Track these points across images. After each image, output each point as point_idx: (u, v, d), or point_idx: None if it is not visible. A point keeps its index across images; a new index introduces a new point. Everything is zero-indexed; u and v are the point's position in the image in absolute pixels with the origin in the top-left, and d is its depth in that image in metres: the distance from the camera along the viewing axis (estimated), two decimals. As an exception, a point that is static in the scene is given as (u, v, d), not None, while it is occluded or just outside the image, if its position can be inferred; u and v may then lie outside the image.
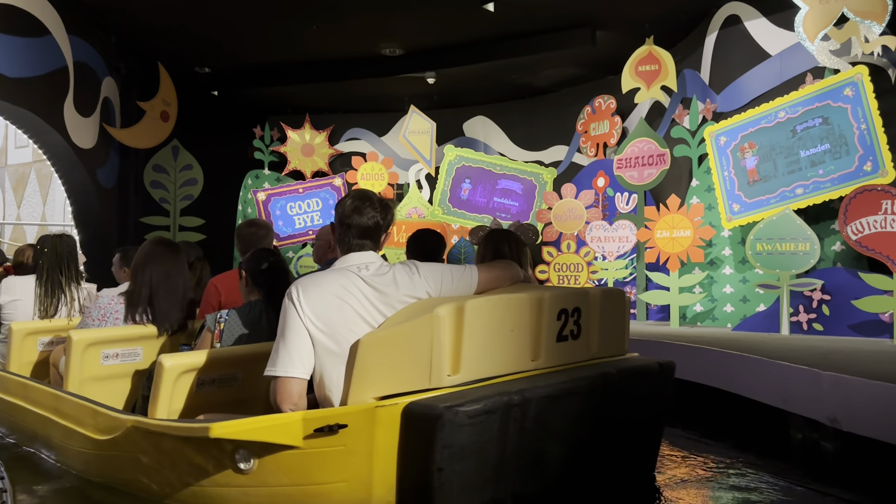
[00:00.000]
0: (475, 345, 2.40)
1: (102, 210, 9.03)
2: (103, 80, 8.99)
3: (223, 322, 3.02)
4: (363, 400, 2.25)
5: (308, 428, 2.19)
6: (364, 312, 2.39)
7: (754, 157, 6.71)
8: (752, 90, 7.52)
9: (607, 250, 8.22)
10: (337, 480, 2.21)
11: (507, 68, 9.88)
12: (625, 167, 8.42)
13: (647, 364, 2.95)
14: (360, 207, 2.52)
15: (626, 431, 2.88)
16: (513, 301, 2.53)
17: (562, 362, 2.74)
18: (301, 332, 2.34)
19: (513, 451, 2.35)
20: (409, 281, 2.48)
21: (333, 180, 11.50)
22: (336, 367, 2.34)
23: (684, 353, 5.19)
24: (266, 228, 4.12)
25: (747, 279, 7.27)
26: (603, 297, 2.92)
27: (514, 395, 2.33)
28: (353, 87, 10.96)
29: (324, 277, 2.43)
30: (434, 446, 2.13)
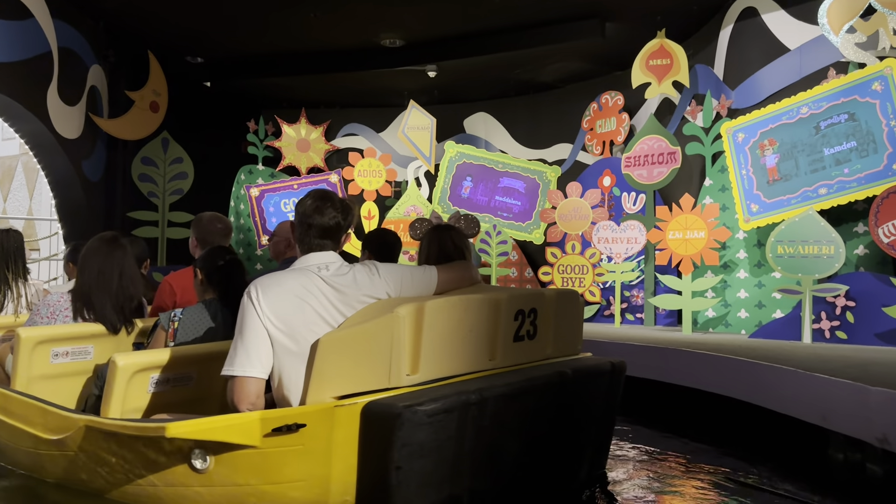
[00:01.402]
0: (434, 345, 2.43)
1: (88, 203, 8.64)
2: (90, 67, 8.61)
3: (177, 321, 2.98)
4: (322, 400, 2.27)
5: (266, 427, 2.19)
6: (324, 312, 2.39)
7: (775, 154, 6.37)
8: (770, 86, 7.18)
9: (615, 252, 7.87)
10: (295, 480, 2.22)
11: (512, 62, 9.52)
12: (633, 165, 8.08)
13: (600, 363, 3.04)
14: (321, 207, 2.53)
15: (579, 429, 2.97)
16: (471, 302, 2.58)
17: (518, 362, 2.82)
18: (260, 331, 2.33)
19: (470, 449, 2.40)
20: (369, 281, 2.50)
21: (329, 177, 11.13)
22: (295, 367, 2.34)
23: (704, 363, 4.85)
24: (229, 228, 4.03)
25: (763, 283, 6.93)
26: (558, 298, 3.01)
27: (471, 394, 2.37)
28: (352, 81, 10.59)
29: (283, 277, 2.42)
30: (393, 445, 2.16)
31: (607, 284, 8.72)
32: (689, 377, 4.96)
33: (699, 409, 5.02)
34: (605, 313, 8.51)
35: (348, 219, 2.58)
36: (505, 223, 10.07)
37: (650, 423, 4.89)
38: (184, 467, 2.36)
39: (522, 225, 10.10)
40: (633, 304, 8.39)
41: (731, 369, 4.57)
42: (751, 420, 4.49)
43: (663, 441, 4.33)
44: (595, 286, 8.48)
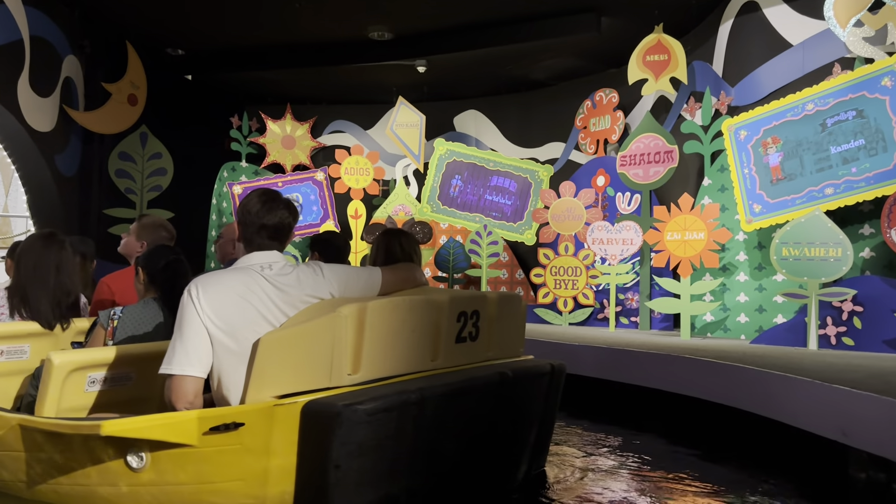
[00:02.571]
0: (376, 345, 2.45)
1: (62, 200, 8.27)
2: (65, 58, 8.24)
3: (117, 319, 2.93)
4: (262, 399, 2.25)
5: (203, 426, 2.18)
6: (266, 312, 2.37)
7: (778, 153, 6.12)
8: (771, 83, 6.94)
9: (609, 253, 7.60)
10: (233, 479, 2.22)
11: (504, 57, 9.24)
12: (629, 164, 7.81)
13: (540, 365, 3.08)
14: (272, 207, 2.52)
15: (518, 429, 3.01)
16: (414, 303, 2.60)
17: (460, 363, 2.85)
18: (199, 330, 2.30)
19: (409, 448, 2.42)
20: (313, 281, 2.50)
21: (315, 174, 10.82)
22: (235, 367, 2.32)
23: (707, 371, 4.57)
24: (173, 235, 3.93)
25: (764, 287, 6.68)
26: (501, 301, 3.05)
27: (411, 393, 2.39)
28: (339, 75, 10.28)
29: (225, 276, 2.40)
30: (332, 443, 2.16)
31: (601, 287, 8.45)
32: (693, 386, 4.69)
33: (702, 420, 4.75)
34: (599, 317, 8.24)
35: (296, 219, 2.60)
36: (496, 223, 9.79)
37: (655, 433, 4.62)
38: (120, 466, 2.33)
39: (514, 225, 9.83)
40: (627, 307, 8.12)
41: (737, 378, 4.29)
42: (760, 433, 4.22)
43: (657, 451, 4.06)
44: (589, 289, 8.21)
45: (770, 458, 4.02)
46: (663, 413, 5.09)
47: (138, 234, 3.84)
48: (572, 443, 4.30)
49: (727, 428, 4.53)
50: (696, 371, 4.66)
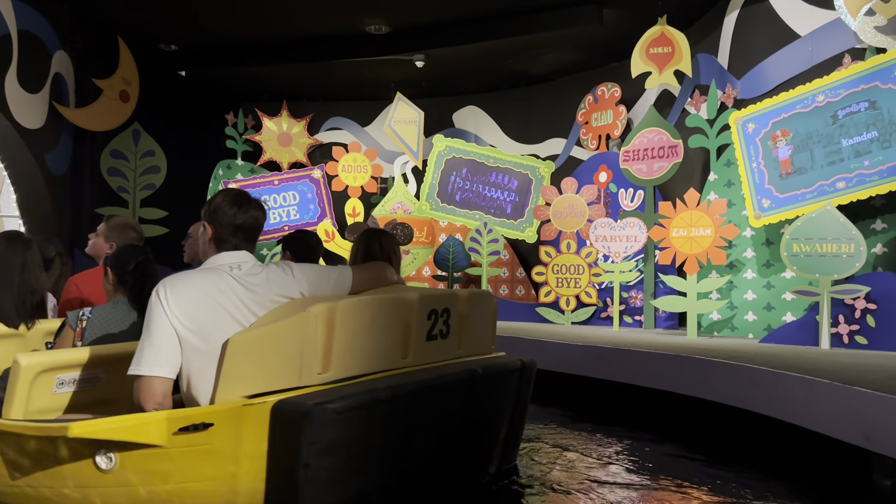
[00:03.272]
0: (346, 344, 2.45)
1: (52, 199, 8.10)
2: (54, 53, 8.06)
3: (86, 320, 2.89)
4: (231, 399, 2.25)
5: (172, 427, 2.18)
6: (235, 312, 2.37)
7: (788, 146, 5.94)
8: (779, 75, 6.77)
9: (613, 250, 7.42)
10: (203, 479, 2.22)
11: (504, 51, 9.05)
12: (632, 160, 7.63)
13: (511, 361, 3.11)
14: (246, 207, 2.51)
15: (489, 425, 3.04)
16: (384, 302, 2.61)
17: (431, 360, 2.85)
18: (167, 330, 2.30)
19: (380, 446, 2.43)
20: (283, 281, 2.50)
21: (312, 172, 10.63)
22: (205, 367, 2.31)
23: (720, 372, 4.39)
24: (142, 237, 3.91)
25: (773, 284, 6.50)
26: (471, 299, 3.07)
27: (381, 391, 2.39)
28: (335, 71, 10.09)
29: (193, 276, 2.39)
30: (301, 442, 2.17)
31: (603, 285, 8.28)
32: (704, 388, 4.51)
33: (713, 424, 4.57)
34: (602, 315, 8.07)
35: (265, 218, 2.60)
36: (496, 221, 9.61)
37: (664, 437, 4.44)
38: (89, 468, 2.32)
39: (514, 223, 9.64)
40: (630, 305, 7.94)
41: (751, 380, 4.11)
42: (775, 437, 4.04)
43: (659, 455, 3.89)
44: (591, 287, 8.03)
45: (787, 464, 3.84)
46: (672, 416, 4.91)
47: (107, 236, 3.82)
48: (563, 444, 4.13)
49: (740, 432, 4.35)
50: (706, 372, 4.47)
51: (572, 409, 5.32)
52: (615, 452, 4.02)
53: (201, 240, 2.58)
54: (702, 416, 4.63)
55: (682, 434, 4.54)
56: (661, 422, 4.90)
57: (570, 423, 4.82)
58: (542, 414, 5.07)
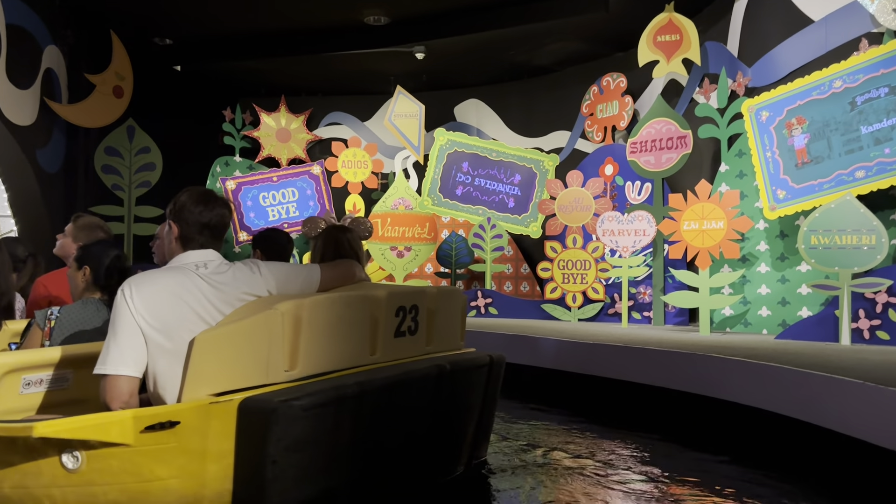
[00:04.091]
0: (313, 341, 2.46)
1: (44, 197, 7.89)
2: (45, 48, 7.84)
3: (54, 319, 2.86)
4: (198, 397, 2.26)
5: (139, 425, 2.19)
6: (201, 310, 2.37)
7: (804, 134, 5.72)
8: (791, 61, 6.54)
9: (621, 245, 7.20)
10: (170, 477, 2.23)
11: (506, 41, 8.83)
12: (639, 151, 7.41)
13: (479, 357, 3.14)
14: (212, 205, 2.51)
15: (458, 420, 3.07)
16: (352, 299, 2.63)
17: (399, 356, 2.87)
18: (133, 329, 2.30)
19: (348, 442, 2.44)
20: (250, 279, 2.50)
21: (311, 168, 10.44)
22: (171, 366, 2.32)
23: (738, 371, 4.18)
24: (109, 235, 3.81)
25: (787, 278, 6.28)
26: (440, 296, 3.09)
27: (349, 388, 2.40)
28: (334, 65, 9.88)
29: (159, 275, 2.39)
30: (268, 439, 2.18)
31: (610, 281, 8.06)
32: (722, 388, 4.29)
33: (735, 426, 4.36)
34: (609, 312, 7.85)
35: (231, 216, 2.58)
36: (500, 216, 9.40)
37: (684, 440, 4.23)
38: (55, 468, 2.30)
39: (518, 218, 9.43)
40: (639, 301, 7.73)
41: (773, 379, 3.90)
42: (801, 441, 3.83)
43: (663, 454, 3.68)
44: (599, 283, 7.82)
45: (816, 470, 3.63)
46: (687, 416, 4.70)
47: (75, 236, 3.75)
48: (548, 443, 3.92)
49: (759, 434, 4.14)
50: (725, 371, 4.26)
51: (581, 409, 5.11)
52: (608, 451, 3.81)
53: (167, 239, 2.56)
54: (718, 417, 4.42)
55: (695, 435, 4.33)
56: (678, 423, 4.69)
57: (578, 424, 4.61)
58: (551, 416, 4.86)
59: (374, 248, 9.25)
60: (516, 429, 4.46)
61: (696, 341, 5.39)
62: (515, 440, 4.12)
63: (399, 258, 9.23)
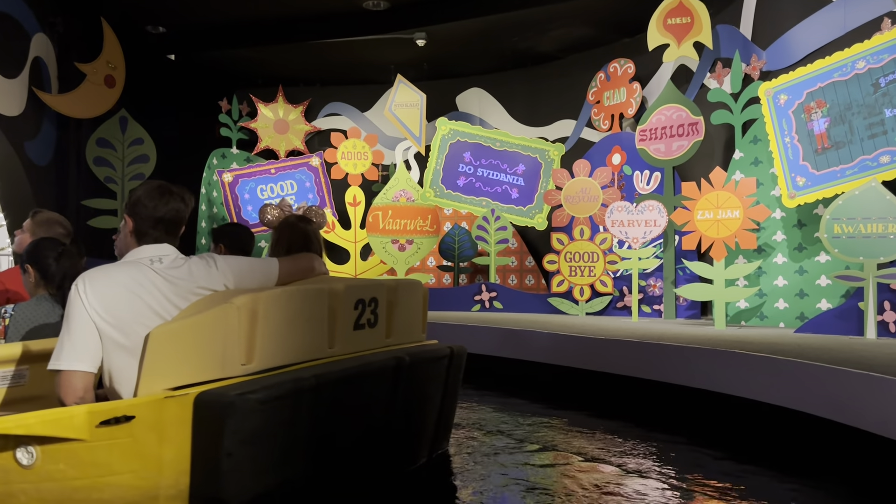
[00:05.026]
0: (271, 334, 2.47)
1: (34, 191, 7.63)
2: (33, 36, 7.58)
3: (8, 317, 2.97)
4: (154, 392, 2.28)
5: (94, 420, 2.19)
6: (156, 305, 2.36)
7: (824, 118, 5.46)
8: (808, 43, 6.28)
9: (631, 236, 6.94)
10: (126, 471, 2.24)
11: (509, 27, 8.57)
12: (649, 139, 7.16)
13: (440, 349, 3.16)
14: (167, 199, 2.48)
15: (418, 411, 3.09)
16: (310, 293, 2.64)
17: (359, 349, 2.88)
18: (87, 324, 2.30)
19: (306, 434, 2.45)
20: (206, 273, 2.50)
21: (310, 160, 10.18)
22: (126, 361, 2.33)
23: (768, 369, 3.93)
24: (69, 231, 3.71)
25: (806, 269, 6.03)
26: (400, 288, 3.11)
27: (306, 380, 2.41)
28: (333, 53, 9.61)
29: (113, 269, 2.38)
30: (224, 433, 2.20)
31: (619, 273, 7.82)
32: (747, 387, 4.04)
33: (762, 427, 4.12)
34: (618, 305, 7.60)
35: (189, 210, 2.54)
36: (504, 207, 9.14)
37: (707, 442, 3.99)
38: (10, 464, 2.28)
39: (523, 209, 9.18)
40: (648, 294, 7.48)
41: (804, 376, 3.65)
42: (835, 442, 3.59)
43: (678, 453, 3.45)
44: (607, 275, 7.57)
45: (852, 473, 3.38)
46: (711, 417, 4.46)
47: (33, 231, 3.67)
48: (536, 439, 3.69)
49: (793, 436, 3.90)
50: (752, 369, 4.01)
51: (596, 408, 4.87)
52: (597, 448, 3.57)
53: (122, 233, 2.53)
54: (741, 418, 4.18)
55: (717, 436, 4.09)
56: (700, 423, 4.45)
57: (591, 425, 4.37)
58: (568, 416, 4.63)
59: (375, 241, 9.01)
60: (520, 427, 4.22)
61: (714, 336, 5.14)
62: (510, 436, 3.89)
63: (401, 251, 8.98)
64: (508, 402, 5.07)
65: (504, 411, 4.74)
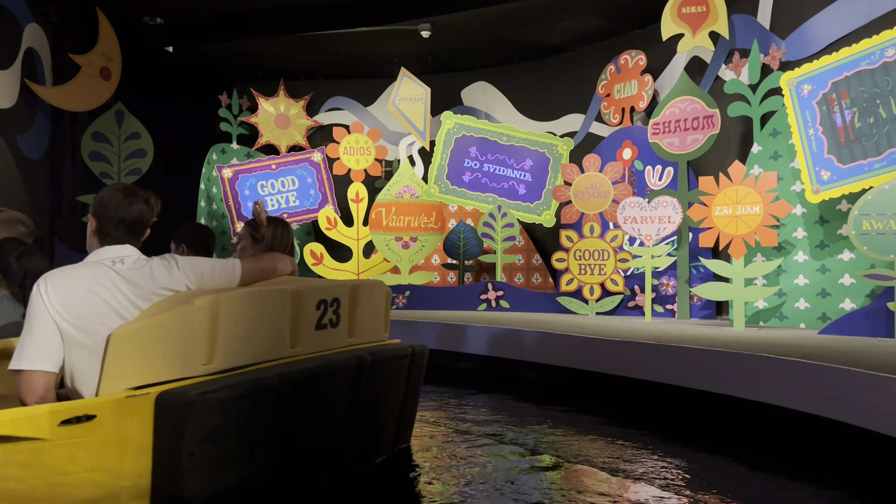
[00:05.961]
0: (232, 335, 2.50)
1: (27, 186, 7.40)
2: (26, 26, 7.34)
3: None
4: (115, 391, 2.30)
5: (55, 420, 2.20)
6: (117, 305, 2.38)
7: (850, 109, 5.20)
8: (830, 33, 6.04)
9: (644, 233, 6.69)
10: (87, 470, 2.26)
11: (517, 17, 8.32)
12: (662, 133, 6.91)
13: (401, 348, 3.22)
14: (132, 201, 2.52)
15: (379, 409, 3.14)
16: (271, 293, 2.68)
17: (320, 349, 2.92)
18: (49, 324, 2.31)
19: (267, 432, 2.49)
20: (168, 274, 2.53)
21: (312, 156, 9.95)
22: (88, 361, 2.34)
23: (798, 373, 3.68)
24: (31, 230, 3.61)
25: (828, 268, 5.78)
26: (362, 288, 3.15)
27: (267, 380, 2.45)
28: (335, 46, 9.37)
29: (74, 270, 2.41)
30: (185, 431, 2.23)
31: (630, 272, 7.57)
32: (780, 393, 3.79)
33: (796, 436, 3.87)
34: (630, 305, 7.36)
35: (154, 214, 2.56)
36: (511, 203, 8.90)
37: (734, 452, 3.75)
38: None
39: (531, 206, 8.93)
40: (661, 294, 7.24)
41: (842, 384, 3.40)
42: (880, 456, 3.34)
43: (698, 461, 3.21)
44: (618, 273, 7.32)
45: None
46: (739, 424, 4.21)
47: None
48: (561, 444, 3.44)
49: (832, 448, 3.65)
50: (782, 374, 3.76)
51: (617, 415, 4.62)
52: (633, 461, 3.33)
53: (88, 233, 2.54)
54: (771, 426, 3.93)
55: (745, 446, 3.84)
56: (726, 432, 4.20)
57: (614, 433, 4.13)
58: (584, 421, 4.38)
59: (378, 238, 8.77)
60: (524, 434, 3.98)
61: (735, 338, 4.89)
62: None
63: (405, 249, 8.74)
64: (520, 407, 4.83)
65: (516, 419, 4.50)
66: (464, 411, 4.68)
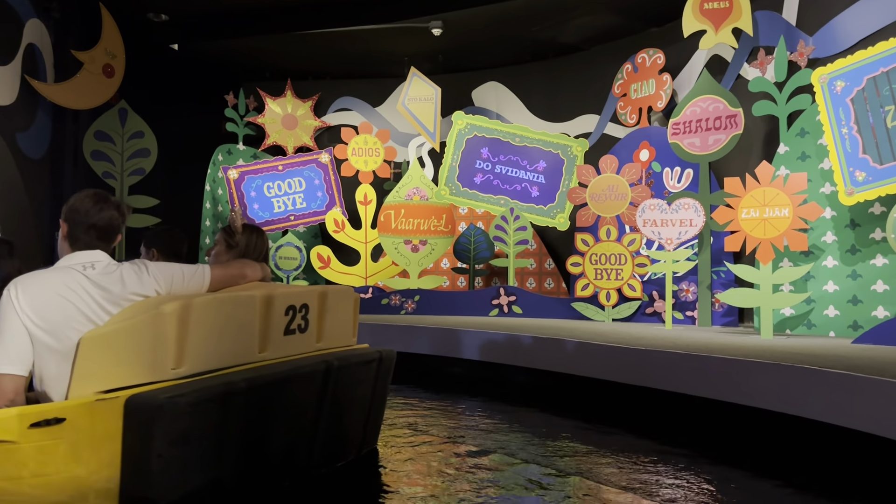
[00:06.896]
0: (201, 340, 2.52)
1: (27, 185, 7.19)
2: (27, 21, 7.14)
3: None
4: (85, 395, 2.34)
5: (24, 422, 2.22)
6: (88, 310, 2.42)
7: (882, 108, 4.93)
8: (860, 29, 5.80)
9: (665, 237, 6.44)
10: (57, 472, 2.28)
11: (529, 15, 8.10)
12: (682, 133, 6.66)
13: (368, 353, 3.29)
14: (102, 207, 2.55)
15: (347, 412, 3.21)
16: (240, 299, 2.72)
17: (289, 353, 2.98)
18: (18, 329, 2.34)
19: (235, 436, 2.52)
20: (138, 280, 2.56)
21: (320, 157, 9.73)
22: (58, 365, 2.38)
23: (846, 387, 3.43)
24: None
25: (860, 274, 5.52)
26: (331, 295, 3.21)
27: (236, 384, 2.50)
28: (344, 43, 9.15)
29: (45, 275, 2.45)
30: (154, 434, 2.27)
31: (647, 277, 7.31)
32: (829, 409, 3.53)
33: (847, 456, 3.62)
34: (647, 311, 7.10)
35: (125, 220, 2.61)
36: (524, 206, 8.65)
37: (779, 472, 3.49)
38: None
39: (544, 208, 8.68)
40: (681, 300, 6.98)
41: (873, 394, 3.15)
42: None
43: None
44: (635, 279, 7.06)
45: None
46: (781, 442, 3.95)
47: None
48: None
49: (877, 463, 3.39)
50: (824, 386, 3.50)
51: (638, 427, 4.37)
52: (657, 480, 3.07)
53: (59, 238, 2.56)
54: (818, 444, 3.67)
55: (788, 461, 3.59)
56: (768, 451, 3.94)
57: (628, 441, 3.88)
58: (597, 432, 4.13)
59: (386, 241, 8.53)
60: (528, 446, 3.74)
61: (765, 347, 4.63)
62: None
63: (414, 252, 8.50)
64: (551, 420, 4.59)
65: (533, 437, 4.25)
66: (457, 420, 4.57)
